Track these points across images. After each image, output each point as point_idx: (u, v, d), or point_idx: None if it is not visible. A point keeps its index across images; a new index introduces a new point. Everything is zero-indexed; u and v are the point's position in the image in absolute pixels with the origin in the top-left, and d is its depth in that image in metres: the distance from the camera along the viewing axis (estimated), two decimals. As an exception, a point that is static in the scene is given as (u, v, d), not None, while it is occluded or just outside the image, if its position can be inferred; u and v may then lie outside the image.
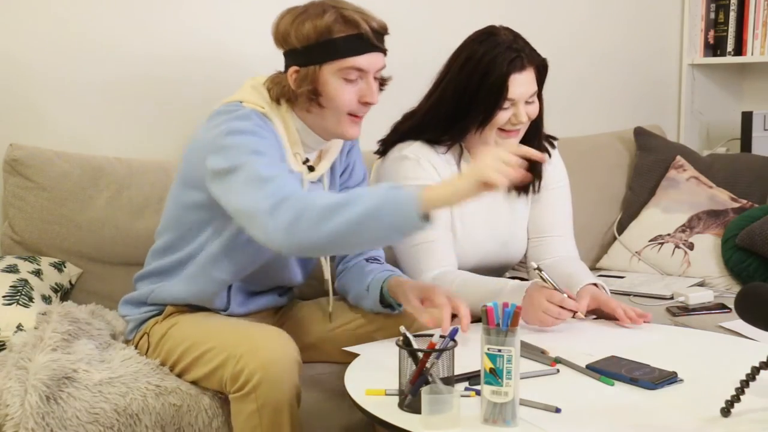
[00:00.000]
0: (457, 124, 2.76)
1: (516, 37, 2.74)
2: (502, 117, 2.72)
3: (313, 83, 2.40)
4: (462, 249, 2.84)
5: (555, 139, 2.99)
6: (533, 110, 2.75)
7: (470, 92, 2.71)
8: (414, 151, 2.80)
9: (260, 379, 2.21)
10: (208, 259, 2.49)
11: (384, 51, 2.46)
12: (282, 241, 2.14)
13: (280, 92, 2.45)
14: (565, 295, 2.51)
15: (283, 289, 2.73)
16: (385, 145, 2.89)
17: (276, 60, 2.52)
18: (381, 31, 2.44)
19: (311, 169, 2.54)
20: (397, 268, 2.65)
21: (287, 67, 2.45)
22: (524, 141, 2.81)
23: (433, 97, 2.80)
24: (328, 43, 2.37)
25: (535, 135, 2.86)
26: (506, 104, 2.71)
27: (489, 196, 2.88)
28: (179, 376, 2.46)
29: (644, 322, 2.56)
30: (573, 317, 2.53)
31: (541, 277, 2.54)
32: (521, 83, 2.70)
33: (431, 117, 2.79)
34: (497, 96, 2.69)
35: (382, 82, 2.53)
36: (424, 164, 2.78)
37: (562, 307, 2.49)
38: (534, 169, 2.88)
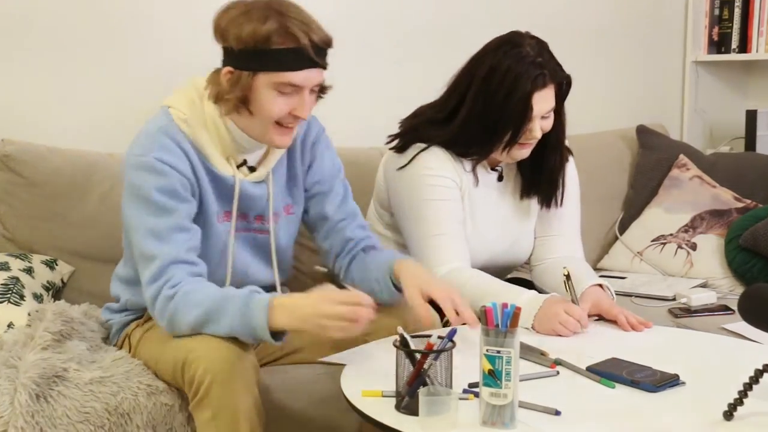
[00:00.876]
0: (485, 143, 2.75)
1: (541, 48, 2.71)
2: None
3: (244, 90, 2.35)
4: (471, 247, 2.83)
5: (570, 153, 2.99)
6: (547, 125, 2.75)
7: (495, 110, 2.68)
8: (433, 146, 2.81)
9: (211, 380, 2.19)
10: None
11: (324, 66, 2.40)
12: (167, 330, 2.36)
13: (215, 93, 2.42)
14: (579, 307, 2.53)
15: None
16: (404, 143, 2.86)
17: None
18: (323, 46, 2.36)
19: (252, 169, 2.53)
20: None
21: (223, 64, 2.41)
22: (544, 153, 2.83)
23: (460, 114, 2.75)
24: (265, 53, 2.31)
25: (556, 148, 2.86)
26: None
27: (502, 197, 2.90)
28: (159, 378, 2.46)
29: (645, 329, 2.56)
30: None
31: (566, 284, 2.54)
32: (541, 100, 2.68)
33: (461, 136, 2.77)
34: (522, 116, 2.67)
35: (322, 90, 2.47)
36: (441, 156, 2.79)
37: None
38: (556, 180, 2.90)
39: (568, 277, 2.56)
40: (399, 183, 2.85)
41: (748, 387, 1.88)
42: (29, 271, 2.86)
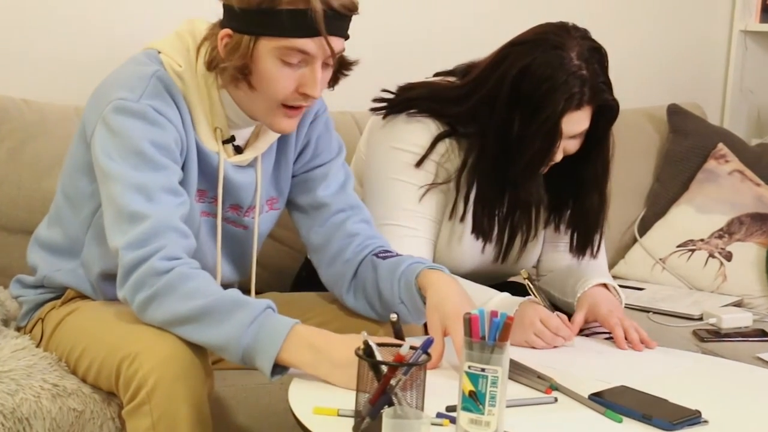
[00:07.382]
0: (509, 166, 2.70)
1: (591, 56, 2.64)
2: None
3: (243, 58, 2.34)
4: (462, 250, 2.84)
5: None
6: (572, 147, 2.72)
7: (519, 124, 2.64)
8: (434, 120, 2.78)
9: (156, 383, 2.17)
10: (100, 238, 2.45)
11: (343, 35, 2.39)
12: (137, 311, 2.30)
13: (209, 58, 2.41)
14: (557, 315, 2.53)
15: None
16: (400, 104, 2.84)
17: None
18: (342, 11, 2.34)
19: (238, 150, 2.52)
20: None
21: (221, 25, 2.39)
22: (580, 189, 2.85)
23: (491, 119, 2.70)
24: (269, 13, 2.30)
25: (595, 186, 2.86)
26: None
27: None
28: (76, 374, 2.45)
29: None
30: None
31: (529, 287, 2.54)
32: (572, 122, 2.65)
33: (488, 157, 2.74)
34: (548, 138, 2.63)
35: (345, 66, 2.47)
36: (434, 132, 2.77)
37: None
38: (593, 225, 2.91)
39: (530, 280, 2.55)
40: (375, 153, 2.84)
41: (783, 430, 1.89)
42: None
